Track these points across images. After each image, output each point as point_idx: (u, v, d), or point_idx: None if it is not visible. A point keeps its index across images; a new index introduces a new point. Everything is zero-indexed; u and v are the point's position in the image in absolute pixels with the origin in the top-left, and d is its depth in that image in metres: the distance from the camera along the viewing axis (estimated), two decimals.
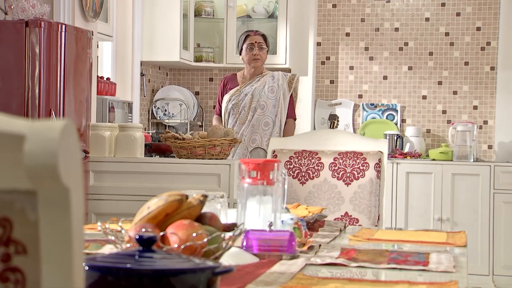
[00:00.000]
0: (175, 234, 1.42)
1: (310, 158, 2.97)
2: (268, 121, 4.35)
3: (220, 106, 4.53)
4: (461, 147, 5.48)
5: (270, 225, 1.80)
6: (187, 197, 1.52)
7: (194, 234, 1.42)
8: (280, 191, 1.93)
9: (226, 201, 1.97)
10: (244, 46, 4.41)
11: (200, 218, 1.53)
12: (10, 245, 0.82)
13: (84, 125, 3.50)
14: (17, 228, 0.82)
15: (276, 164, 1.91)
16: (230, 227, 1.56)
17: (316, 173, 2.95)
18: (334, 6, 6.03)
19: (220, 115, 4.54)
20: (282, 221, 1.95)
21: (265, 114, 4.36)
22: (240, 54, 4.47)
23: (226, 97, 4.46)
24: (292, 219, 1.96)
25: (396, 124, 5.93)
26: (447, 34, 5.87)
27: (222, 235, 1.48)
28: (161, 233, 1.43)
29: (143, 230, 1.41)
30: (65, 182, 0.79)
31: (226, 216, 1.96)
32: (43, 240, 0.80)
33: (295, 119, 4.49)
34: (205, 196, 1.52)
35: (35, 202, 0.81)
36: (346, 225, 2.54)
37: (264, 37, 4.46)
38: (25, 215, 0.81)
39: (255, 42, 4.39)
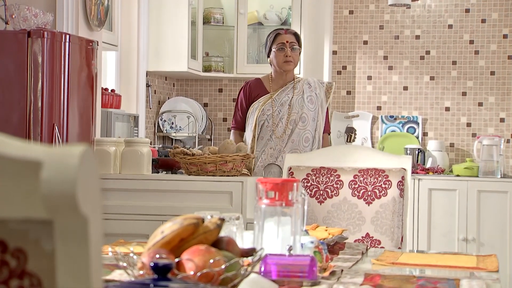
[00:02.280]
0: (191, 260, 1.42)
1: (329, 175, 2.97)
2: (308, 136, 4.02)
3: (242, 118, 4.11)
4: (487, 162, 5.46)
5: (290, 249, 1.79)
6: (203, 220, 1.52)
7: (211, 261, 1.42)
8: (300, 213, 1.93)
9: (242, 223, 1.97)
10: (274, 47, 4.00)
11: (217, 243, 1.53)
12: (25, 278, 0.82)
13: (88, 141, 3.51)
14: (32, 260, 0.82)
15: (295, 184, 1.91)
16: (249, 252, 1.56)
17: (335, 192, 2.95)
18: (351, 12, 6.04)
19: (241, 129, 4.12)
20: (302, 244, 1.94)
21: (306, 128, 4.02)
22: (268, 56, 4.07)
23: (256, 106, 4.05)
24: (312, 242, 1.95)
25: (417, 137, 5.92)
26: (471, 42, 5.87)
27: (241, 261, 1.48)
28: (176, 260, 1.43)
29: (157, 256, 1.41)
30: (84, 212, 0.79)
31: (242, 239, 1.96)
32: (59, 273, 0.80)
33: (329, 134, 4.20)
34: (222, 220, 1.52)
35: (51, 232, 0.81)
36: (368, 247, 2.53)
37: (296, 35, 4.06)
38: (40, 246, 0.81)
39: (286, 41, 3.99)
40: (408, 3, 4.99)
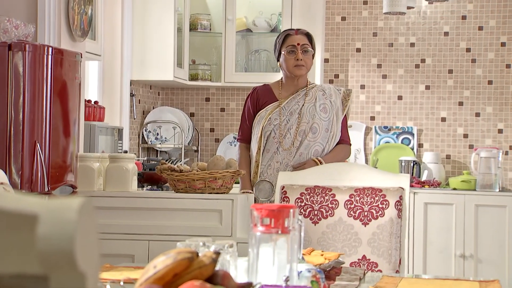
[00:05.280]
0: None
1: (323, 194, 2.97)
2: (318, 149, 3.79)
3: (249, 128, 3.90)
4: (485, 175, 5.48)
5: (287, 280, 1.79)
6: (197, 254, 1.51)
7: None
8: (296, 240, 1.93)
9: (236, 251, 1.96)
10: (283, 50, 3.81)
11: (212, 277, 1.52)
12: None
13: (71, 157, 3.49)
14: None
15: (292, 210, 1.90)
16: (245, 287, 1.55)
17: (330, 212, 2.95)
18: (343, 19, 6.06)
19: (249, 141, 3.92)
20: (299, 273, 1.94)
21: (316, 140, 3.79)
22: (278, 60, 3.87)
23: (262, 115, 3.83)
24: (309, 271, 1.95)
25: (412, 149, 5.93)
26: (468, 50, 5.90)
27: None
28: None
29: None
30: (82, 268, 0.78)
31: (236, 268, 1.95)
32: None
33: (350, 145, 3.95)
34: (218, 254, 1.51)
35: (46, 287, 0.80)
36: (365, 271, 2.53)
37: (308, 36, 3.85)
38: None
39: (298, 43, 3.80)
40: (403, 11, 5.01)
